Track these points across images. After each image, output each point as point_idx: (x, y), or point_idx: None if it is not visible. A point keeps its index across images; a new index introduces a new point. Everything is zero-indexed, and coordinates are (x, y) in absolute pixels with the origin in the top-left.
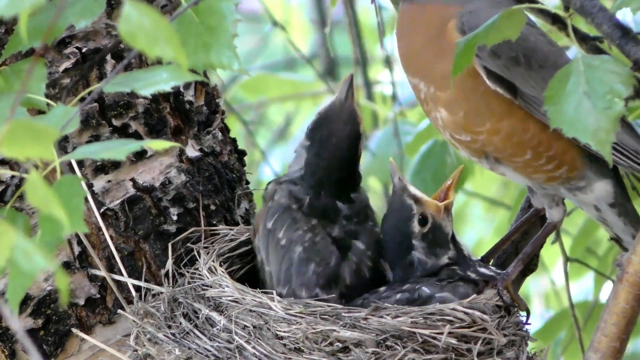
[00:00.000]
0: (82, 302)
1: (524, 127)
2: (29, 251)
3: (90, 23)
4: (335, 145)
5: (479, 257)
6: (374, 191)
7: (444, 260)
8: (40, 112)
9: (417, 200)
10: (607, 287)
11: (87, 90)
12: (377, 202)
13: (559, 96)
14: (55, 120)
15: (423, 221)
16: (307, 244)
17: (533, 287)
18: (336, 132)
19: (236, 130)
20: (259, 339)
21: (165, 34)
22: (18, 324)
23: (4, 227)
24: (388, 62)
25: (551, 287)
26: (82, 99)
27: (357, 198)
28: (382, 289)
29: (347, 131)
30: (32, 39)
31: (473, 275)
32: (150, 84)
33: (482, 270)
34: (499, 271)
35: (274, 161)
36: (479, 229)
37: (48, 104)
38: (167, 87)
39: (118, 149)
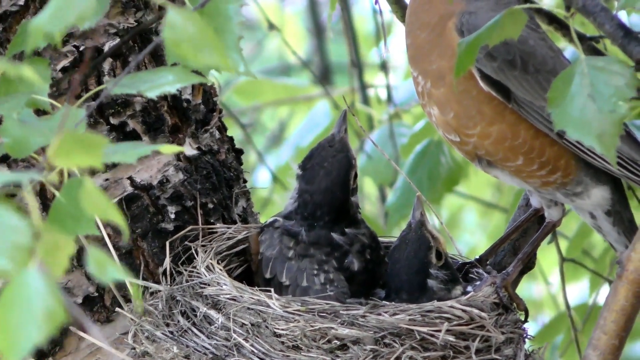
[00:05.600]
0: (80, 300)
1: (515, 132)
2: (102, 261)
3: (94, 24)
4: (326, 172)
5: (476, 257)
6: (368, 197)
7: (457, 292)
8: (38, 111)
9: (433, 236)
10: (604, 290)
11: (94, 91)
12: (372, 208)
13: (562, 98)
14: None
15: (438, 255)
16: (310, 276)
17: (527, 291)
18: (327, 158)
19: (232, 134)
20: (257, 337)
21: (210, 41)
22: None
23: (65, 239)
24: (384, 66)
25: (547, 291)
26: (85, 98)
27: (355, 234)
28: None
29: (338, 158)
30: (36, 40)
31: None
32: (157, 86)
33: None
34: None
35: (269, 166)
36: (473, 235)
37: (52, 106)
38: (172, 89)
39: (128, 152)
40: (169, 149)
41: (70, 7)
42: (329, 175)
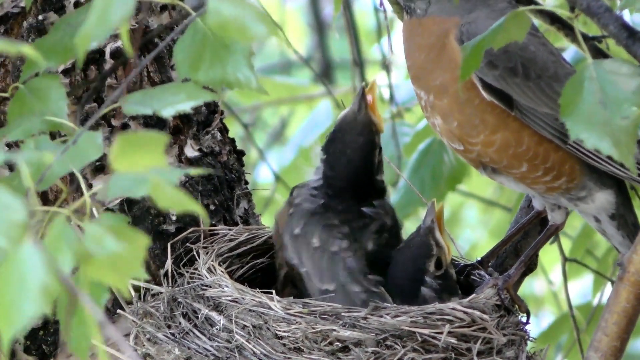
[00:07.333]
0: None
1: (519, 139)
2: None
3: (103, 42)
4: (350, 158)
5: (478, 259)
6: None
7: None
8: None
9: (438, 244)
10: (607, 289)
11: (108, 109)
12: None
13: (574, 106)
14: (80, 145)
15: (438, 265)
16: (340, 240)
17: (529, 287)
18: (350, 144)
19: (233, 131)
20: (259, 339)
21: (255, 15)
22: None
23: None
24: (386, 65)
25: (549, 289)
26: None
27: (380, 205)
28: None
29: (360, 142)
30: (48, 59)
31: None
32: (170, 104)
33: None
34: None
35: (271, 163)
36: (474, 231)
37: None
38: (187, 107)
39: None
40: (194, 172)
41: (112, 10)
42: (351, 162)
